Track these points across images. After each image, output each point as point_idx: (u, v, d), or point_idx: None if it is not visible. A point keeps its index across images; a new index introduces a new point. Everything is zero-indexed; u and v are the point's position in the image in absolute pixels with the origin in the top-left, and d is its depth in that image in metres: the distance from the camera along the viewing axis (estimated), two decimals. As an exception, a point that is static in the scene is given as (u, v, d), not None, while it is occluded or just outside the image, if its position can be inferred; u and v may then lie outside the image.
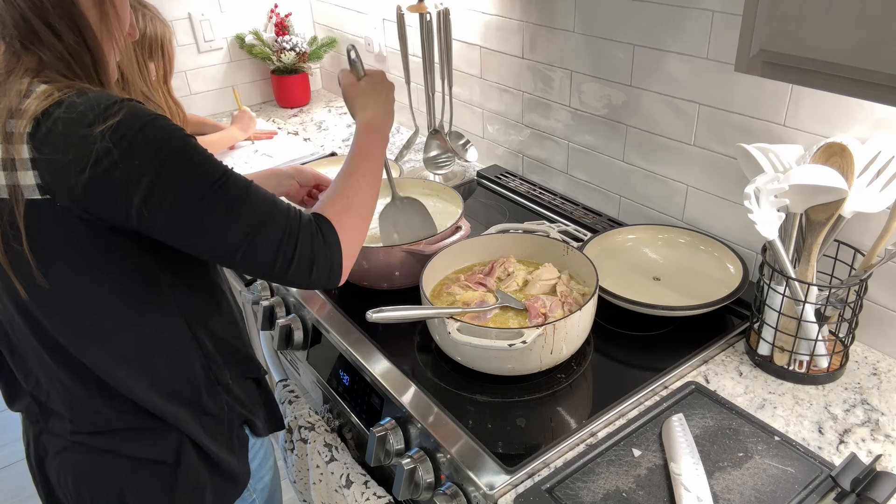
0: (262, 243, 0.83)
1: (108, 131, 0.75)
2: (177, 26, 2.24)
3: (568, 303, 1.14)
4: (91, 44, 0.83)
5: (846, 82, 0.73)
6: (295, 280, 0.86)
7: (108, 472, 0.95)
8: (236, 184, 0.83)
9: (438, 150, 1.78)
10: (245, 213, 0.82)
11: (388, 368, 1.15)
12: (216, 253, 0.83)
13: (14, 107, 0.78)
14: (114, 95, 0.79)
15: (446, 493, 0.97)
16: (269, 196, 0.86)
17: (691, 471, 0.90)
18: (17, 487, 2.36)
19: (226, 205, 0.81)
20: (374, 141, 1.03)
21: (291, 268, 0.85)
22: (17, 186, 0.78)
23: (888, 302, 1.11)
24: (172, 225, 0.80)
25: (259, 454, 1.10)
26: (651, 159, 1.42)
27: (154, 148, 0.78)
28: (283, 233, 0.84)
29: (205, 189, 0.80)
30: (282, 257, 0.84)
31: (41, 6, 0.79)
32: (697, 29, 1.24)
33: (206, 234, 0.81)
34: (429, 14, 1.59)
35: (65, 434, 0.95)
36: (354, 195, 0.94)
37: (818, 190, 1.00)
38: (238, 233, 0.82)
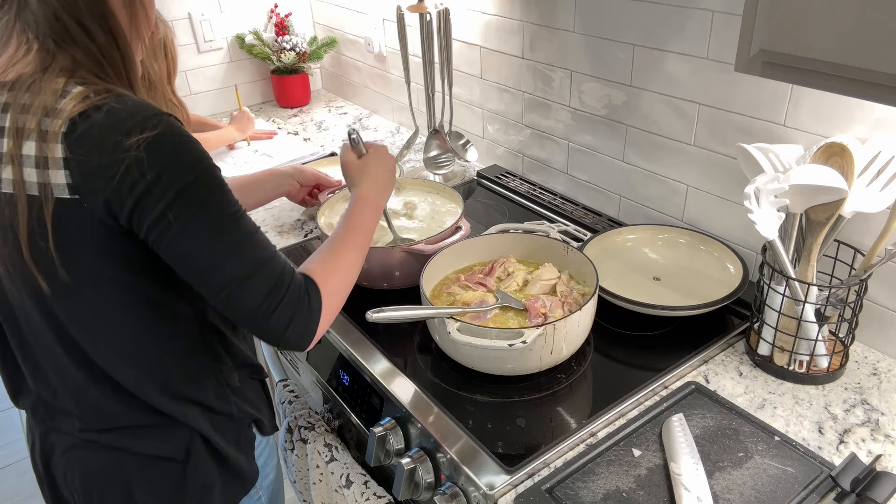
0: (252, 288, 0.84)
1: (145, 142, 0.77)
2: (177, 26, 2.24)
3: (568, 303, 1.14)
4: (121, 44, 0.85)
5: (846, 82, 0.73)
6: (268, 333, 0.87)
7: (116, 469, 0.95)
8: (248, 223, 0.86)
9: (438, 150, 1.78)
10: (248, 252, 0.84)
11: (388, 368, 1.15)
12: (207, 283, 0.84)
13: (50, 105, 0.79)
14: (152, 106, 0.81)
15: (446, 493, 0.97)
16: (272, 245, 0.88)
17: (691, 471, 0.90)
18: (17, 487, 2.36)
19: (234, 239, 0.83)
20: (366, 215, 1.07)
21: (270, 321, 0.85)
22: (48, 185, 0.79)
23: (888, 302, 1.11)
24: (179, 245, 0.82)
25: (265, 452, 1.11)
26: (651, 159, 1.42)
27: (184, 167, 0.80)
28: (275, 284, 0.85)
29: (220, 218, 0.83)
30: (265, 307, 0.84)
31: (74, 5, 0.80)
32: (697, 29, 1.24)
33: (206, 262, 0.83)
34: (429, 14, 1.59)
35: (73, 432, 0.96)
36: (343, 266, 0.97)
37: (818, 190, 1.00)
38: (235, 270, 0.83)
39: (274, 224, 1.64)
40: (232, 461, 1.01)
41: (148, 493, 0.96)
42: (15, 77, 0.81)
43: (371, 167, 1.13)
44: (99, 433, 0.95)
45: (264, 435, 1.10)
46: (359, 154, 1.15)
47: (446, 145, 1.77)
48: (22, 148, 0.79)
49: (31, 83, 0.80)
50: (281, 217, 1.67)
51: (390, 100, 2.23)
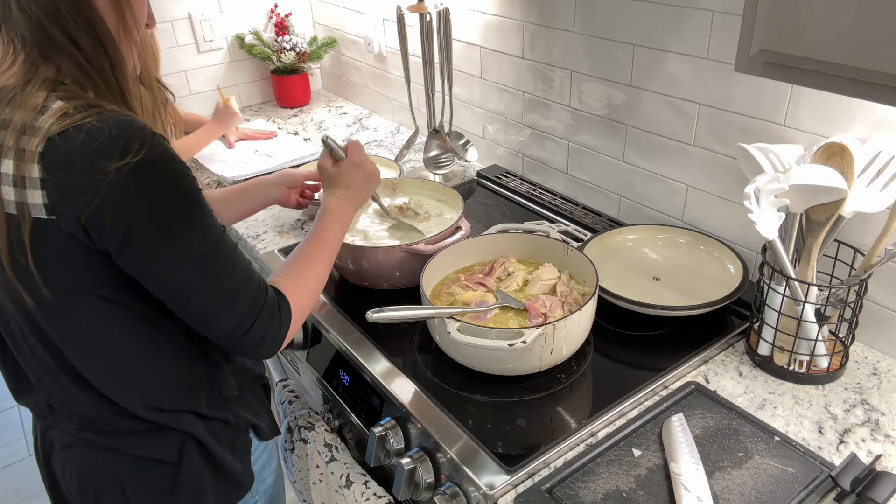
0: (228, 313, 0.86)
1: (126, 168, 0.76)
2: (177, 26, 2.24)
3: (568, 303, 1.14)
4: (110, 49, 0.83)
5: (846, 82, 0.73)
6: (240, 350, 0.90)
7: (111, 469, 0.96)
8: (227, 246, 0.86)
9: (438, 150, 1.78)
10: (225, 279, 0.85)
11: (388, 368, 1.15)
12: (183, 307, 0.85)
13: (28, 122, 0.77)
14: (135, 127, 0.79)
15: (446, 493, 0.97)
16: (247, 263, 0.89)
17: (691, 471, 0.90)
18: (17, 487, 2.36)
19: (212, 266, 0.84)
20: (334, 227, 1.08)
21: (243, 340, 0.88)
22: (25, 204, 0.78)
23: (888, 302, 1.11)
24: (156, 271, 0.82)
25: (262, 456, 1.10)
26: (651, 159, 1.42)
27: (166, 195, 0.80)
28: (249, 308, 0.87)
29: (199, 245, 0.83)
30: (239, 329, 0.87)
31: (58, 14, 0.79)
32: (697, 29, 1.24)
33: (183, 288, 0.83)
34: (429, 14, 1.59)
35: (70, 431, 0.96)
36: (311, 280, 1.00)
37: (818, 190, 1.00)
38: (212, 296, 0.85)
39: (274, 224, 1.64)
40: (227, 466, 1.00)
41: (141, 494, 0.96)
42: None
43: (343, 177, 1.12)
44: (94, 434, 0.95)
45: (262, 440, 1.09)
46: (336, 159, 1.14)
47: (446, 145, 1.77)
48: (0, 166, 0.78)
49: (12, 97, 0.79)
50: (281, 217, 1.67)
51: (390, 100, 2.23)
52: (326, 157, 1.14)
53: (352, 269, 1.33)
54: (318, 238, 1.05)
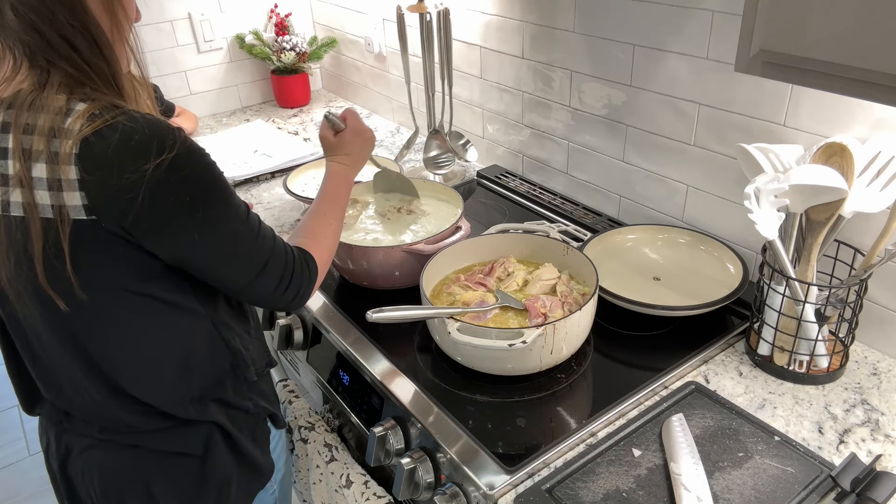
0: (267, 279, 0.93)
1: (165, 164, 0.79)
2: (177, 26, 2.24)
3: (568, 303, 1.14)
4: (106, 51, 0.84)
5: (846, 82, 0.73)
6: (279, 307, 0.99)
7: (135, 466, 0.96)
8: (254, 219, 0.93)
9: (438, 150, 1.78)
10: (259, 250, 0.92)
11: (388, 368, 1.15)
12: (228, 284, 0.92)
13: (57, 125, 0.78)
14: (162, 124, 0.82)
15: (446, 493, 0.97)
16: (271, 231, 0.95)
17: (691, 471, 0.90)
18: (17, 487, 2.36)
19: (247, 242, 0.90)
20: (340, 188, 1.15)
21: (282, 299, 0.96)
22: (64, 206, 0.79)
23: (888, 302, 1.11)
24: (203, 258, 0.87)
25: (278, 446, 1.13)
26: (651, 159, 1.42)
27: (204, 186, 0.85)
28: (283, 270, 0.94)
29: (236, 226, 0.89)
30: (279, 290, 0.95)
31: (54, 19, 0.79)
32: (697, 29, 1.24)
33: (227, 268, 0.90)
34: (429, 14, 1.59)
35: (91, 434, 0.96)
36: (329, 234, 1.08)
37: (818, 190, 1.00)
38: (252, 268, 0.91)
39: (274, 224, 1.64)
40: (249, 456, 1.03)
41: (167, 490, 0.97)
42: (12, 94, 0.80)
43: (344, 144, 1.18)
44: (117, 434, 0.96)
45: (279, 428, 1.12)
46: (336, 130, 1.20)
47: (446, 145, 1.77)
48: (32, 170, 0.78)
49: (32, 101, 0.79)
50: (281, 217, 1.67)
51: (390, 100, 2.23)
52: (327, 129, 1.20)
53: (352, 269, 1.33)
54: (327, 199, 1.11)
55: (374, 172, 1.51)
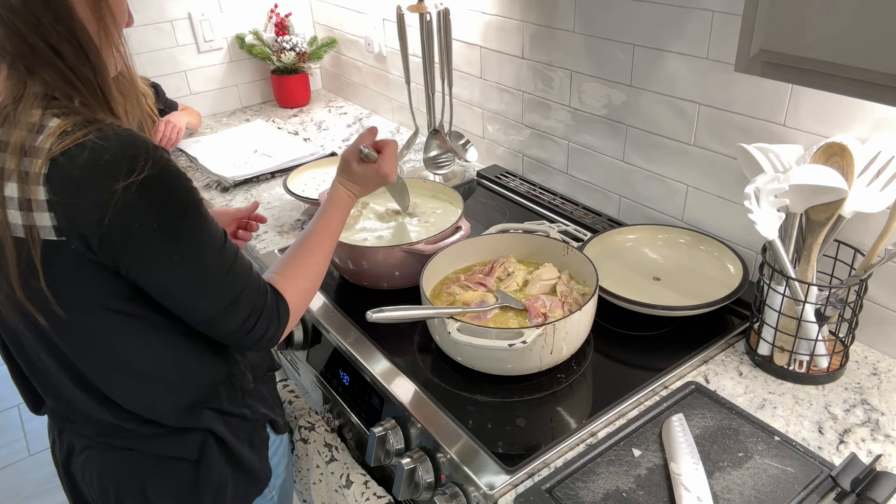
0: (232, 316, 0.88)
1: (134, 186, 0.76)
2: (177, 26, 2.24)
3: (568, 303, 1.14)
4: (92, 56, 0.82)
5: (846, 82, 0.73)
6: (242, 347, 0.95)
7: (131, 469, 0.96)
8: (230, 251, 0.88)
9: (438, 150, 1.78)
10: (230, 284, 0.87)
11: (388, 368, 1.15)
12: (191, 314, 0.88)
13: (28, 144, 0.76)
14: (138, 141, 0.79)
15: (446, 493, 0.97)
16: (248, 266, 0.90)
17: (691, 471, 0.90)
18: (17, 487, 2.36)
19: (218, 273, 0.86)
20: (339, 217, 1.07)
21: (246, 338, 0.90)
22: (34, 227, 0.78)
23: (888, 302, 1.11)
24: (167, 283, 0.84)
25: (279, 451, 1.12)
26: (651, 159, 1.42)
27: (175, 210, 0.81)
28: (251, 309, 0.89)
29: (207, 255, 0.85)
30: (242, 330, 0.89)
31: (38, 24, 0.77)
32: (697, 29, 1.24)
33: (192, 297, 0.85)
34: (429, 14, 1.59)
35: (90, 435, 0.97)
36: (309, 277, 1.00)
37: (818, 190, 1.00)
38: (218, 302, 0.86)
39: (274, 224, 1.64)
40: (246, 461, 1.02)
41: (162, 492, 0.97)
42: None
43: (362, 177, 1.09)
44: (114, 438, 0.96)
45: (279, 434, 1.11)
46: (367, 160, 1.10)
47: (446, 145, 1.77)
48: (4, 189, 0.78)
49: (6, 117, 0.78)
50: (281, 217, 1.67)
51: (390, 100, 2.23)
52: (355, 153, 1.11)
53: (352, 269, 1.33)
54: (320, 230, 1.04)
55: None
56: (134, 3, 0.93)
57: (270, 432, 1.09)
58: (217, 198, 1.80)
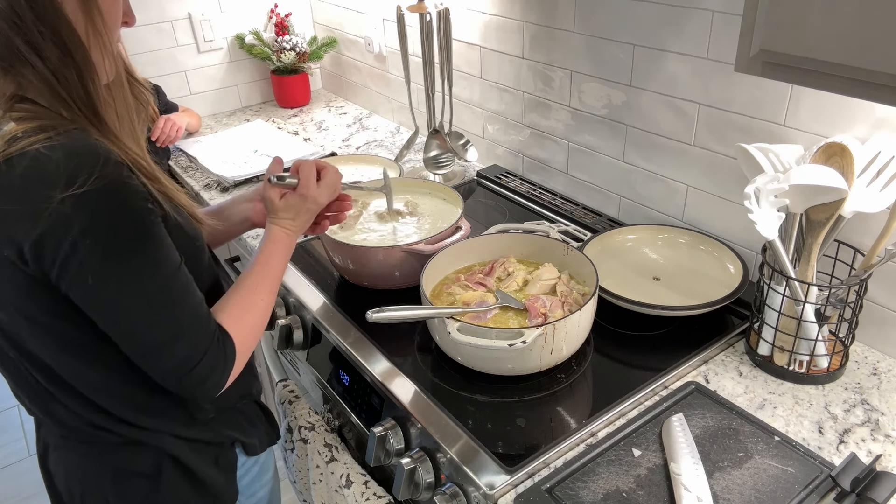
0: (169, 354, 0.82)
1: (72, 199, 0.73)
2: (177, 26, 2.24)
3: (568, 303, 1.14)
4: (77, 55, 0.78)
5: (846, 82, 0.73)
6: (179, 390, 0.86)
7: (94, 476, 0.95)
8: (178, 284, 0.83)
9: (438, 150, 1.78)
10: (171, 319, 0.81)
11: (388, 368, 1.15)
12: (126, 344, 0.83)
13: None
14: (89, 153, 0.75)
15: (446, 493, 0.97)
16: (198, 301, 0.85)
17: (691, 471, 0.90)
18: (17, 487, 2.36)
19: (158, 306, 0.80)
20: (279, 256, 1.00)
21: (182, 381, 0.84)
22: None
23: (888, 302, 1.11)
24: (100, 306, 0.79)
25: (252, 470, 1.09)
26: (651, 159, 1.42)
27: (113, 229, 0.76)
28: (192, 349, 0.83)
29: (147, 282, 0.79)
30: (179, 371, 0.83)
31: (21, 24, 0.74)
32: (697, 29, 1.24)
33: (127, 326, 0.81)
34: (429, 14, 1.59)
35: (56, 434, 0.96)
36: (257, 314, 0.93)
37: (818, 190, 1.00)
38: (156, 336, 0.81)
39: (274, 224, 1.64)
40: (208, 481, 0.99)
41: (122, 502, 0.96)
42: None
43: (290, 208, 1.02)
44: (76, 443, 0.95)
45: (250, 455, 1.07)
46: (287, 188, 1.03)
47: (446, 145, 1.77)
48: None
49: None
50: (281, 217, 1.67)
51: (390, 100, 2.23)
52: (271, 189, 1.03)
53: (352, 269, 1.33)
54: (262, 268, 0.97)
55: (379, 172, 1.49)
56: (134, 4, 0.91)
57: (240, 454, 1.05)
58: (217, 198, 1.80)
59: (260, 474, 1.11)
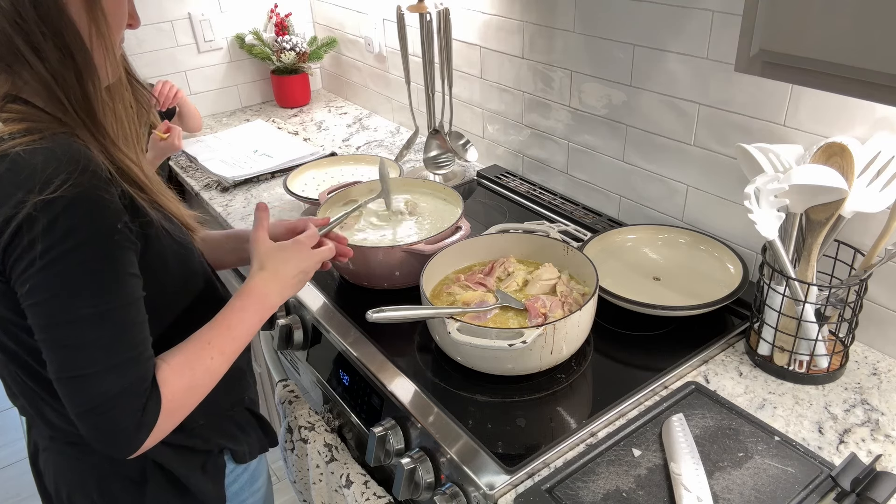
0: (88, 387, 0.75)
1: (42, 203, 0.72)
2: (177, 26, 2.24)
3: (568, 303, 1.14)
4: (78, 57, 0.77)
5: (846, 82, 0.73)
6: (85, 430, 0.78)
7: (80, 476, 0.95)
8: (121, 318, 0.77)
9: (438, 150, 1.78)
10: (102, 349, 0.75)
11: (388, 369, 1.15)
12: (49, 358, 0.77)
13: None
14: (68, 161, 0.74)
15: (446, 493, 0.97)
16: (139, 343, 0.78)
17: (691, 471, 0.90)
18: (17, 487, 2.36)
19: (92, 332, 0.75)
20: (249, 314, 0.91)
21: (84, 425, 0.77)
22: None
23: (888, 302, 1.11)
24: (34, 313, 0.76)
25: (242, 477, 1.09)
26: (651, 159, 1.42)
27: (67, 240, 0.73)
28: (113, 391, 0.75)
29: (88, 304, 0.75)
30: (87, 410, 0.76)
31: (23, 24, 0.73)
32: (697, 29, 1.24)
33: (49, 342, 0.76)
34: (429, 14, 1.59)
35: (45, 436, 0.96)
36: (202, 374, 0.85)
37: (818, 190, 1.00)
38: (77, 363, 0.75)
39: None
40: (193, 488, 0.98)
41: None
42: None
43: (280, 260, 0.96)
44: (63, 444, 0.95)
45: (240, 463, 1.06)
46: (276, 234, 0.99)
47: (446, 145, 1.77)
48: None
49: None
50: (281, 217, 1.67)
51: (390, 100, 2.23)
52: (262, 229, 0.97)
53: (352, 269, 1.33)
54: (226, 322, 0.88)
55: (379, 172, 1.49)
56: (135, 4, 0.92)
57: (229, 461, 1.04)
58: (217, 198, 1.80)
59: (250, 481, 1.11)
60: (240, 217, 1.69)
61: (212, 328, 0.88)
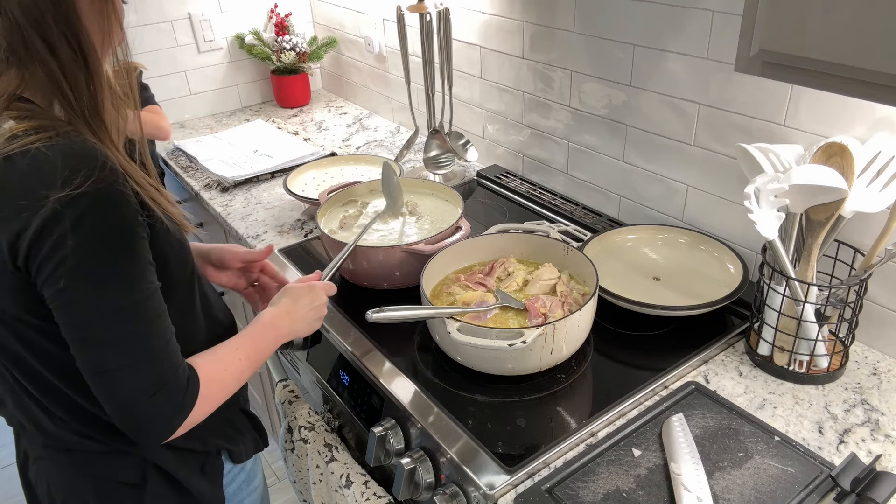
0: (126, 379, 0.78)
1: (66, 199, 0.73)
2: (177, 26, 2.24)
3: (568, 303, 1.14)
4: (91, 61, 0.79)
5: (846, 82, 0.73)
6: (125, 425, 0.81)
7: (77, 487, 0.95)
8: (149, 308, 0.79)
9: (438, 150, 1.78)
10: (136, 340, 0.78)
11: (388, 368, 1.15)
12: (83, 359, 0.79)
13: None
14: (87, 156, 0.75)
15: (446, 493, 0.97)
16: (168, 332, 0.82)
17: (691, 471, 0.90)
18: (17, 487, 2.35)
19: (126, 326, 0.77)
20: (267, 338, 0.98)
21: (136, 411, 0.79)
22: None
23: (888, 302, 1.11)
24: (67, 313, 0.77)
25: (239, 477, 1.09)
26: (651, 159, 1.42)
27: (96, 235, 0.75)
28: (152, 380, 0.79)
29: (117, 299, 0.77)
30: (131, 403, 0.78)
31: (42, 21, 0.74)
32: (697, 29, 1.24)
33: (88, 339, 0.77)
34: (429, 14, 1.59)
35: (38, 445, 0.95)
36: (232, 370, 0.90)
37: (818, 190, 1.00)
38: (114, 357, 0.77)
39: (274, 224, 1.64)
40: (193, 489, 0.98)
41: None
42: None
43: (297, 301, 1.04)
44: (58, 452, 0.94)
45: (237, 463, 1.07)
46: None
47: (446, 145, 1.77)
48: None
49: None
50: (281, 217, 1.67)
51: (390, 100, 2.23)
52: None
53: (352, 269, 1.33)
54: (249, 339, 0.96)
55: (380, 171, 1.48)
56: (134, 3, 0.92)
57: (226, 461, 1.05)
58: (217, 198, 1.80)
59: (247, 481, 1.11)
60: (240, 217, 1.69)
61: (240, 339, 0.94)
